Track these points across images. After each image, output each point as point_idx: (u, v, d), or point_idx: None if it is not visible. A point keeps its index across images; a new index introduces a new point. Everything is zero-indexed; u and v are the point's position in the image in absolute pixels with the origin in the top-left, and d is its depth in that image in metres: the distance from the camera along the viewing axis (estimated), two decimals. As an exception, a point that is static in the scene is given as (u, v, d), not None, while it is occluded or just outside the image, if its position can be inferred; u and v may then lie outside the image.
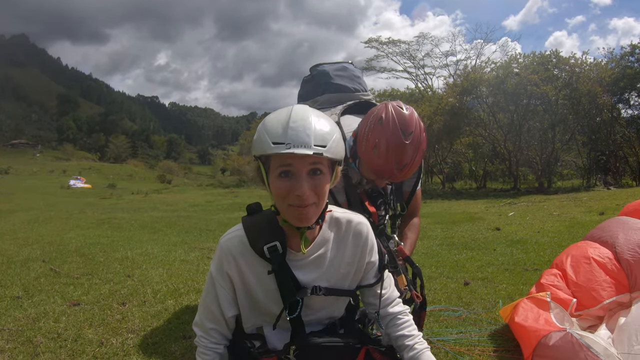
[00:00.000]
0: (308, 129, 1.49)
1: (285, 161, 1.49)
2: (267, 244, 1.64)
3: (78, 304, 4.07)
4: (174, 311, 3.94)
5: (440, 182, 31.38)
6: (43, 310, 3.88)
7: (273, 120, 1.54)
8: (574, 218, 10.11)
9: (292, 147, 1.44)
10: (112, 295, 4.38)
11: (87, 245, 7.49)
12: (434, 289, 4.78)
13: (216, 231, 10.28)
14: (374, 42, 48.13)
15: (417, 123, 2.40)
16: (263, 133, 1.52)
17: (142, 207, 17.52)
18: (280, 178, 1.51)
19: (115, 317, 3.74)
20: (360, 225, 1.81)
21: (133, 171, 74.83)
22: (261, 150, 1.51)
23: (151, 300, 4.27)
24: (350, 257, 1.80)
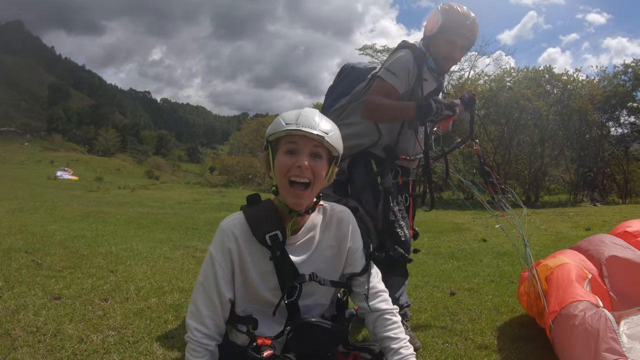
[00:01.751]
0: (316, 118, 1.83)
1: (292, 139, 1.79)
2: (269, 232, 1.80)
3: (59, 298, 4.00)
4: (157, 309, 3.88)
5: (428, 191, 31.50)
6: (23, 302, 3.81)
7: (288, 112, 1.86)
8: (560, 232, 10.19)
9: (300, 126, 1.76)
10: (94, 291, 4.31)
11: (71, 238, 7.40)
12: (420, 297, 4.77)
13: (202, 230, 10.23)
14: (368, 49, 48.43)
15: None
16: (278, 119, 1.84)
17: (129, 202, 17.46)
18: (285, 155, 1.80)
19: (96, 313, 3.68)
20: (343, 212, 2.05)
21: (121, 165, 74.59)
22: (274, 130, 1.82)
23: (134, 297, 4.20)
24: (334, 240, 2.00)
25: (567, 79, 24.25)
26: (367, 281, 1.99)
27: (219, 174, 62.58)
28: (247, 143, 47.63)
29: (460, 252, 8.32)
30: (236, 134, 65.97)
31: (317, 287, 1.94)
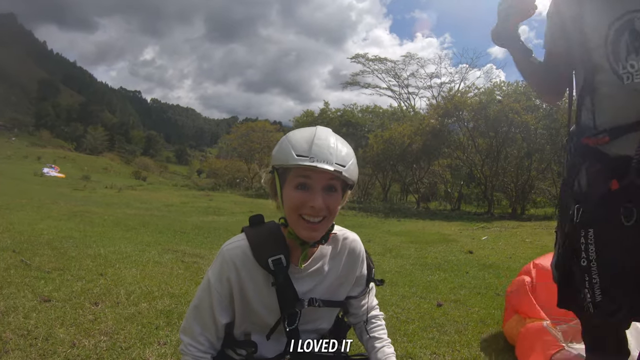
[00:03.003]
0: (331, 147, 1.62)
1: (305, 173, 1.60)
2: (272, 256, 1.70)
3: (49, 300, 3.97)
4: (148, 315, 3.86)
5: (415, 201, 31.61)
6: (12, 304, 3.77)
7: (298, 135, 1.66)
8: (545, 246, 10.25)
9: (315, 161, 1.56)
10: (84, 294, 4.29)
11: (59, 238, 7.34)
12: (407, 308, 4.81)
13: (190, 234, 10.22)
14: (360, 57, 48.82)
15: None
16: (287, 145, 1.63)
17: (116, 203, 17.37)
18: (297, 190, 1.62)
19: (87, 317, 3.66)
20: (355, 242, 1.94)
21: (108, 164, 73.97)
22: (284, 161, 1.62)
23: (124, 301, 4.18)
24: (344, 271, 1.89)
25: None
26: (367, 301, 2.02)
27: (207, 177, 62.27)
28: (236, 147, 47.42)
29: (447, 263, 8.36)
30: (225, 137, 65.79)
31: (318, 312, 1.89)
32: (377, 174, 33.91)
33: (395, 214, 21.81)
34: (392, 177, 34.33)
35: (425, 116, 30.80)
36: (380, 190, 36.75)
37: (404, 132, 29.01)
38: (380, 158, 30.47)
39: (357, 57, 49.14)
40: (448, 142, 27.42)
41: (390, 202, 32.69)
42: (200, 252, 7.71)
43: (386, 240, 11.45)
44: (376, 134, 31.13)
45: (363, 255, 1.98)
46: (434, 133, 26.89)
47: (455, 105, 25.95)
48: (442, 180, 33.08)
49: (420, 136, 27.70)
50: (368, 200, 33.21)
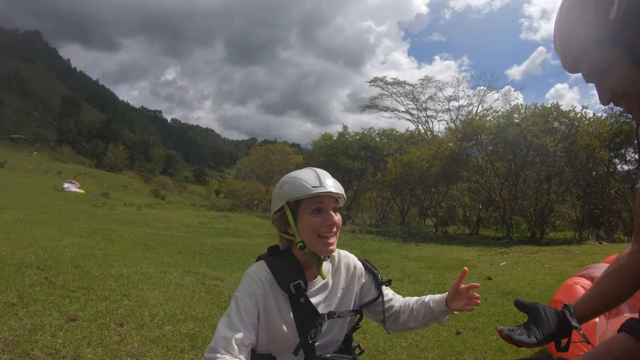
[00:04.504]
0: (333, 180, 1.99)
1: (319, 199, 1.92)
2: (293, 282, 1.92)
3: (75, 320, 4.01)
4: (173, 338, 3.90)
5: (433, 225, 31.43)
6: (39, 321, 3.81)
7: (303, 174, 1.98)
8: (565, 272, 10.08)
9: (327, 188, 1.90)
10: (109, 314, 4.33)
11: (82, 256, 7.41)
12: (426, 336, 4.80)
13: (210, 255, 10.28)
14: (379, 81, 49.05)
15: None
16: (299, 181, 1.93)
17: (135, 221, 17.49)
18: (314, 214, 1.92)
19: (113, 338, 3.70)
20: (347, 257, 2.20)
21: (128, 182, 74.46)
22: (301, 193, 1.90)
23: (149, 323, 4.22)
24: (344, 283, 2.13)
25: (574, 116, 24.38)
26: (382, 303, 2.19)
27: (225, 197, 62.50)
28: (255, 169, 47.65)
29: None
30: (244, 159, 66.23)
31: (333, 325, 2.07)
32: (395, 197, 33.82)
33: (414, 239, 21.68)
34: (410, 201, 34.23)
35: (444, 140, 30.68)
36: (398, 214, 36.62)
37: (422, 156, 28.98)
38: (399, 182, 30.41)
39: (376, 81, 49.36)
40: (467, 166, 27.25)
41: (408, 226, 32.52)
42: (221, 275, 7.76)
43: (404, 265, 11.44)
44: (395, 157, 31.03)
45: (358, 267, 2.19)
46: (453, 157, 26.80)
47: (474, 129, 25.84)
48: (461, 204, 32.76)
49: (439, 160, 27.67)
50: (386, 224, 33.09)
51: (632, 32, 1.11)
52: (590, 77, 1.29)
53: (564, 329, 1.68)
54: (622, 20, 1.10)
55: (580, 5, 1.19)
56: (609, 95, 1.26)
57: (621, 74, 1.20)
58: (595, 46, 1.19)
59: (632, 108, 1.26)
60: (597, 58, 1.21)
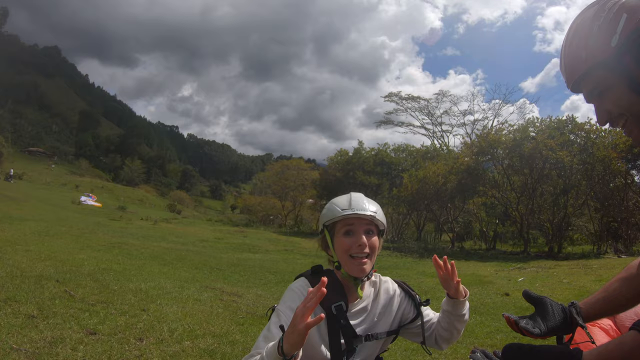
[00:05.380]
0: (365, 200, 2.08)
1: (349, 222, 2.01)
2: (334, 303, 1.98)
3: (94, 334, 4.01)
4: (192, 354, 3.89)
5: (449, 241, 31.28)
6: (59, 335, 3.81)
7: (338, 199, 2.12)
8: (583, 287, 10.04)
9: (355, 210, 2.00)
10: (128, 329, 4.32)
11: (100, 270, 7.44)
12: (443, 353, 4.77)
13: (226, 271, 10.27)
14: (394, 96, 49.25)
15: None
16: (332, 206, 2.09)
17: (152, 235, 17.57)
18: (345, 236, 2.02)
19: (133, 352, 3.68)
20: (387, 282, 2.26)
21: (144, 196, 75.06)
22: (332, 216, 2.05)
23: (168, 339, 4.20)
24: (382, 308, 2.18)
25: (589, 128, 24.08)
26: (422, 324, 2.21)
27: (241, 212, 62.65)
28: (271, 185, 47.84)
29: (483, 306, 8.31)
30: (260, 174, 66.49)
31: (367, 346, 2.09)
32: (412, 213, 33.73)
33: (430, 254, 21.33)
34: (427, 217, 34.11)
35: (460, 154, 30.67)
36: (414, 230, 36.49)
37: (438, 171, 28.92)
38: (415, 197, 30.37)
39: (391, 96, 49.55)
40: (483, 181, 27.16)
41: (424, 242, 32.37)
42: (238, 291, 7.74)
43: (421, 282, 11.44)
44: (410, 173, 31.07)
45: (396, 292, 2.25)
46: (469, 172, 26.81)
47: (490, 143, 25.79)
48: (477, 219, 32.50)
49: (455, 175, 27.67)
50: (402, 239, 32.96)
51: (631, 60, 1.20)
52: (590, 98, 1.36)
53: (567, 326, 1.76)
54: (623, 48, 1.20)
55: (586, 31, 1.27)
56: (606, 116, 1.34)
57: (618, 97, 1.28)
58: (596, 70, 1.26)
59: (631, 131, 1.33)
60: (597, 81, 1.29)
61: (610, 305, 1.80)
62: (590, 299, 1.83)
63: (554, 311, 1.82)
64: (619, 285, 1.73)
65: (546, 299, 1.88)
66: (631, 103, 1.28)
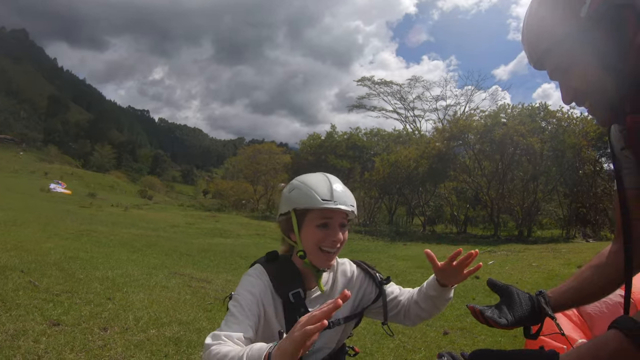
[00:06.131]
0: (346, 192, 1.90)
1: (327, 214, 1.84)
2: (292, 290, 1.89)
3: (58, 324, 3.99)
4: (157, 342, 3.91)
5: (421, 224, 31.56)
6: (22, 327, 3.79)
7: (314, 182, 1.90)
8: (552, 270, 10.25)
9: (338, 204, 1.82)
10: (93, 318, 4.31)
11: (67, 259, 7.35)
12: (414, 336, 4.83)
13: (196, 256, 10.28)
14: (367, 81, 49.35)
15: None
16: (310, 190, 1.85)
17: (122, 222, 17.42)
18: (319, 228, 1.84)
19: (96, 342, 3.69)
20: (344, 264, 2.12)
21: (115, 182, 74.15)
22: (309, 204, 1.84)
23: (133, 327, 4.22)
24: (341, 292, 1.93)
25: (561, 116, 24.71)
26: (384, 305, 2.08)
27: (213, 197, 62.36)
28: (242, 169, 47.64)
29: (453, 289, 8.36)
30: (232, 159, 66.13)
31: (327, 334, 2.03)
32: (383, 197, 33.94)
33: (401, 238, 21.86)
34: (398, 200, 34.33)
35: (431, 139, 30.99)
36: (386, 213, 36.72)
37: (409, 155, 29.21)
38: (387, 181, 30.56)
39: (364, 81, 49.66)
40: (454, 165, 27.52)
41: (396, 225, 32.59)
42: (207, 277, 7.76)
43: (392, 265, 11.59)
44: (382, 157, 31.28)
45: (354, 273, 2.11)
46: (440, 156, 27.06)
47: (461, 129, 26.14)
48: (448, 203, 33.09)
49: (426, 159, 27.88)
50: (373, 223, 33.16)
51: (601, 32, 1.12)
52: (555, 75, 1.28)
53: (535, 316, 1.66)
54: (592, 19, 1.11)
55: (552, 1, 1.19)
56: (571, 93, 1.26)
57: (585, 73, 1.20)
58: (562, 43, 1.19)
59: (595, 110, 1.27)
60: (563, 55, 1.21)
61: (582, 294, 1.71)
62: (560, 287, 1.74)
63: (521, 300, 1.69)
64: (591, 273, 1.67)
65: (512, 287, 1.74)
66: (599, 80, 1.20)
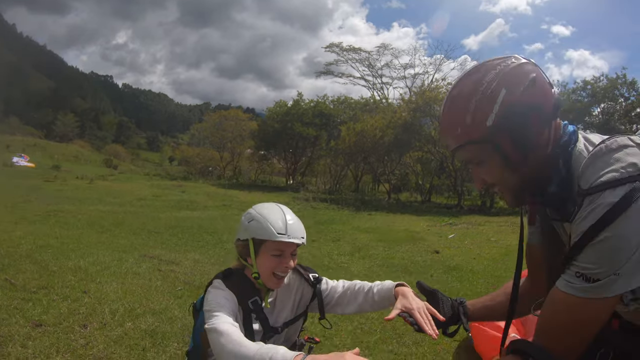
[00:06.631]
0: (299, 225, 2.20)
1: (281, 246, 2.14)
2: (250, 299, 2.18)
3: (40, 325, 4.20)
4: (134, 336, 4.18)
5: (386, 192, 31.98)
6: (7, 332, 3.98)
7: (271, 216, 2.17)
8: (510, 245, 10.63)
9: (292, 238, 2.12)
10: (72, 315, 4.54)
11: (38, 248, 7.49)
12: (371, 318, 5.13)
13: (164, 234, 10.54)
14: (335, 47, 49.04)
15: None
16: (267, 224, 2.13)
17: (88, 198, 17.41)
18: (273, 257, 2.15)
19: (79, 342, 3.93)
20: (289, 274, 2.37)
21: (79, 152, 72.41)
22: (267, 236, 2.12)
23: (110, 322, 4.48)
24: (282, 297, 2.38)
25: None
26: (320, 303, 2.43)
27: (179, 164, 61.77)
28: (208, 136, 47.26)
29: (413, 264, 8.75)
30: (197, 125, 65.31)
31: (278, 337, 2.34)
32: (349, 164, 34.20)
33: (367, 207, 22.20)
34: (364, 168, 34.62)
35: (398, 109, 31.14)
36: (352, 180, 37.02)
37: (376, 124, 29.31)
38: (352, 150, 30.71)
39: (332, 47, 49.35)
40: (419, 136, 27.72)
41: (362, 193, 33.01)
42: (176, 258, 8.03)
43: (355, 238, 11.86)
44: (348, 126, 31.35)
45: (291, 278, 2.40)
46: (406, 127, 27.25)
47: (427, 100, 26.36)
48: (414, 172, 33.53)
49: (392, 129, 28.06)
50: (339, 190, 33.52)
51: (505, 137, 1.32)
52: (468, 164, 1.51)
53: (455, 320, 1.99)
54: (498, 126, 1.31)
55: (463, 105, 1.36)
56: (482, 182, 1.48)
57: (492, 170, 1.42)
58: (471, 144, 1.38)
59: (503, 195, 1.50)
60: (472, 154, 1.41)
61: (493, 314, 2.02)
62: (477, 302, 2.06)
63: (444, 306, 2.02)
64: (504, 299, 1.87)
65: (438, 293, 2.07)
66: (504, 175, 1.41)
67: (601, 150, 1.29)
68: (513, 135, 1.34)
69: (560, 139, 1.43)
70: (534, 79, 1.35)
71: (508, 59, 1.39)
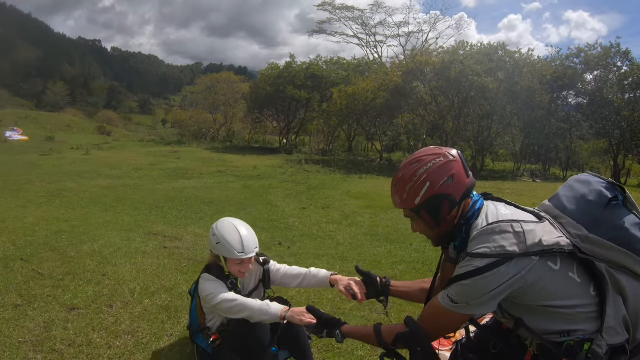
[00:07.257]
0: (253, 238, 3.33)
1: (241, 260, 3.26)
2: (228, 281, 3.34)
3: (74, 309, 4.81)
4: (153, 311, 4.87)
5: (378, 152, 32.45)
6: (49, 317, 4.56)
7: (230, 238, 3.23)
8: (494, 212, 11.17)
9: (247, 254, 3.23)
10: (98, 298, 5.16)
11: (53, 235, 7.88)
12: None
13: (164, 207, 11.08)
14: (327, 5, 48.50)
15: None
16: (229, 246, 3.21)
17: (87, 172, 17.59)
18: (236, 264, 3.29)
19: (109, 320, 4.60)
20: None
21: (71, 121, 71.41)
22: (229, 255, 3.22)
23: (131, 300, 5.14)
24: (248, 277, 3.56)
25: (519, 57, 25.34)
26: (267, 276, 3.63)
27: (172, 127, 61.34)
28: (201, 100, 47.18)
29: (396, 232, 9.25)
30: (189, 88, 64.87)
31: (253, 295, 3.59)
32: (342, 125, 34.63)
33: (358, 169, 22.75)
34: (357, 130, 34.91)
35: (390, 72, 31.11)
36: (345, 140, 37.34)
37: (367, 87, 29.47)
38: (344, 113, 31.05)
39: (324, 5, 48.83)
40: (411, 100, 27.93)
41: (354, 154, 33.42)
42: (178, 233, 8.62)
43: (344, 205, 12.41)
44: (340, 89, 31.51)
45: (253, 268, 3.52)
46: (397, 90, 27.37)
47: (417, 65, 26.40)
48: (406, 132, 34.01)
49: (384, 92, 28.20)
50: (332, 150, 33.98)
51: (426, 213, 2.12)
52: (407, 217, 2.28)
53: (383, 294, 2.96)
54: (423, 205, 2.09)
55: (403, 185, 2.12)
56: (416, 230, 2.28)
57: (419, 226, 2.24)
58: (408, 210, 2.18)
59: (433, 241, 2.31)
60: (408, 214, 2.21)
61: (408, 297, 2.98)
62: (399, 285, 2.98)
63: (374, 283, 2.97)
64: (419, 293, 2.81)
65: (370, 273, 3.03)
66: (426, 231, 2.22)
67: (486, 231, 2.00)
68: (430, 212, 2.11)
69: (468, 212, 2.15)
70: (453, 175, 2.07)
71: (439, 156, 2.10)
